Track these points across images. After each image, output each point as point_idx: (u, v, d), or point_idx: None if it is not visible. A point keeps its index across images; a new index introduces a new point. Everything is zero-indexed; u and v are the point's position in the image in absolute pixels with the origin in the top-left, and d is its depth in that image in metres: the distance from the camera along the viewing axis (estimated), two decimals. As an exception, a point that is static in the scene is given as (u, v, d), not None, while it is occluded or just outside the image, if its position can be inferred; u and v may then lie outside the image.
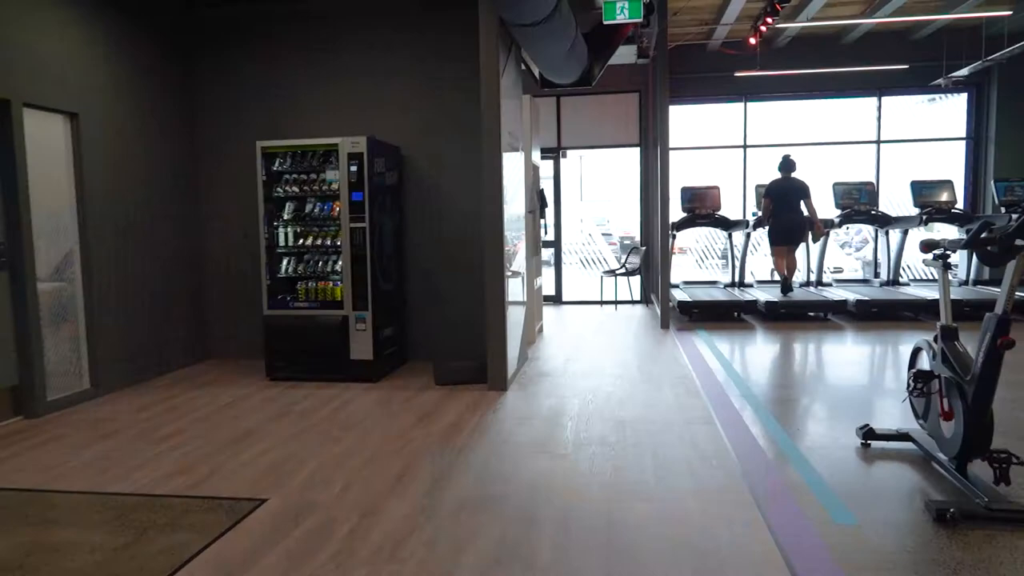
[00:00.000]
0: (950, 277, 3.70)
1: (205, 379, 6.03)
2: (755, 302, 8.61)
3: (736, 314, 8.84)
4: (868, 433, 3.98)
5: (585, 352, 6.94)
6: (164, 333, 6.22)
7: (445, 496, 3.40)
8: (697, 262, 14.15)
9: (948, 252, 3.61)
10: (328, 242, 5.92)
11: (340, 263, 5.80)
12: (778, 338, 7.55)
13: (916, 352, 3.94)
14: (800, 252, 9.41)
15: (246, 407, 5.12)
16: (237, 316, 6.64)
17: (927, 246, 3.63)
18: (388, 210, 6.09)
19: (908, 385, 3.84)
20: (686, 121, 10.97)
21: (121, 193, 5.72)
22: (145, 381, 5.94)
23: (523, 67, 7.90)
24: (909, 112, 10.99)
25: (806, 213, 9.01)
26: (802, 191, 9.01)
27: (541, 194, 8.07)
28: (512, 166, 5.92)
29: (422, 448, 4.11)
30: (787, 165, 9.10)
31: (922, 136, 10.80)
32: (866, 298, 8.44)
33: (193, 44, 6.65)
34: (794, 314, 8.65)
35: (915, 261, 11.55)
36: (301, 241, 6.00)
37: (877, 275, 10.61)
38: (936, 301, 8.52)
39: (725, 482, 3.52)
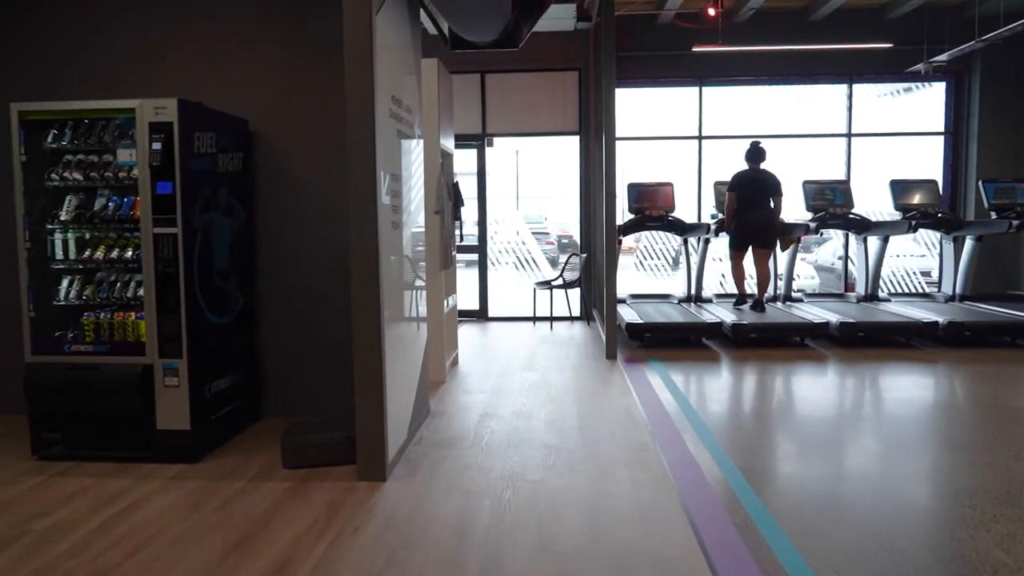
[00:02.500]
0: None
1: (-62, 459, 4.05)
2: (719, 324, 7.07)
3: (698, 338, 7.28)
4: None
5: (509, 399, 5.22)
6: None
7: None
8: (637, 264, 12.56)
9: None
10: (130, 254, 4.02)
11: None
12: (753, 374, 5.99)
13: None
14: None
15: (-39, 521, 3.20)
16: (16, 360, 4.62)
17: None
18: (223, 208, 4.23)
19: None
20: (633, 106, 9.39)
21: None
22: None
23: (435, 30, 6.13)
24: (883, 103, 9.70)
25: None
26: (773, 186, 7.54)
27: (456, 189, 6.32)
28: (405, 150, 4.14)
29: (202, 636, 2.30)
30: (756, 154, 7.61)
31: (897, 130, 9.50)
32: (851, 320, 7.00)
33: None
34: (766, 339, 7.14)
35: (890, 272, 10.30)
36: (89, 252, 4.07)
37: (851, 288, 9.28)
38: (935, 324, 7.27)
39: None
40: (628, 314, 7.47)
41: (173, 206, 3.76)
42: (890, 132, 9.45)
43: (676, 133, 9.48)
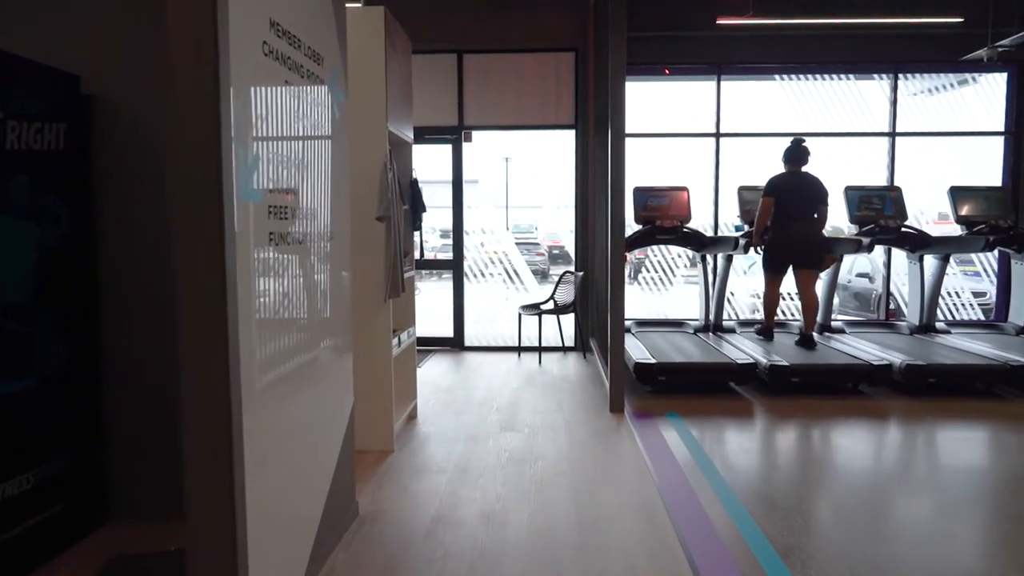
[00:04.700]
0: None
1: None
2: (753, 365, 5.55)
3: (724, 382, 5.75)
4: None
5: (478, 486, 3.67)
6: None
7: None
8: (630, 277, 10.88)
9: None
10: None
11: None
12: (809, 439, 4.48)
13: None
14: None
15: None
16: None
17: None
18: (19, 207, 2.67)
19: None
20: (638, 98, 7.91)
21: None
22: None
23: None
24: (925, 98, 8.26)
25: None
26: (820, 192, 6.07)
27: (414, 188, 4.79)
28: (302, 117, 2.61)
29: None
30: (797, 154, 6.14)
31: (949, 129, 8.04)
32: (919, 362, 5.49)
33: None
34: (811, 383, 5.63)
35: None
36: None
37: (892, 314, 7.85)
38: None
39: None
40: (635, 349, 5.95)
41: None
42: (941, 132, 8.00)
43: (689, 129, 8.01)
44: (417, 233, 4.97)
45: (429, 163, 8.08)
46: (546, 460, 4.06)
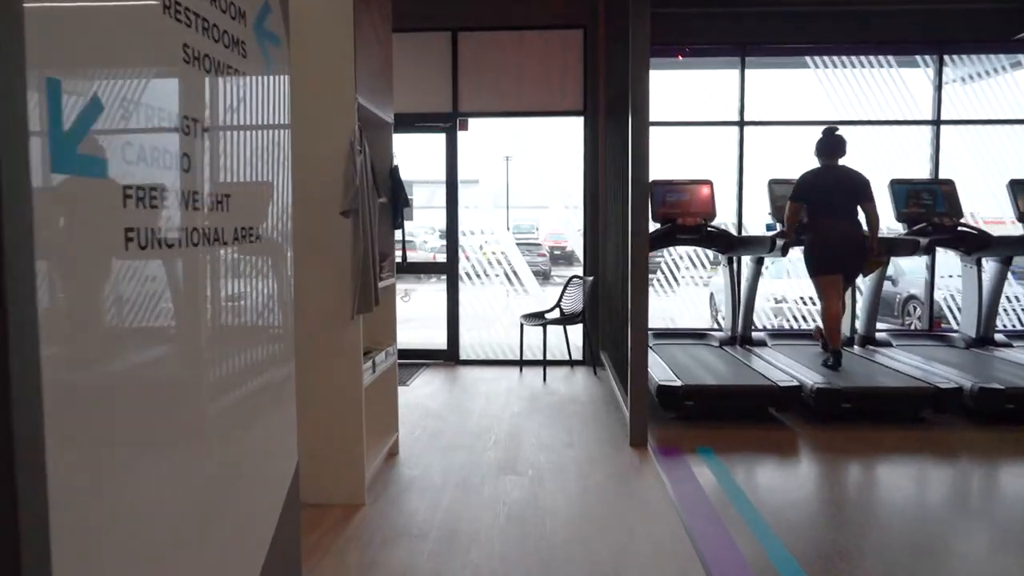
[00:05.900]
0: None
1: None
2: (797, 388, 4.71)
3: (761, 406, 4.92)
4: None
5: (468, 561, 2.84)
6: None
7: None
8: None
9: None
10: None
11: None
12: (871, 481, 3.66)
13: None
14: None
15: None
16: None
17: None
18: None
19: None
20: (651, 82, 7.07)
21: None
22: None
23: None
24: (968, 85, 7.43)
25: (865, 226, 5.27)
26: (860, 187, 5.24)
27: (394, 177, 3.97)
28: (207, 83, 1.78)
29: None
30: (832, 145, 5.32)
31: (995, 117, 7.23)
32: (994, 385, 4.64)
33: None
34: (864, 410, 4.80)
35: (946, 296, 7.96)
36: None
37: (937, 324, 7.02)
38: None
39: None
40: (656, 368, 5.11)
41: None
42: (992, 120, 7.17)
43: (710, 117, 7.20)
44: (399, 232, 4.15)
45: (428, 163, 7.27)
46: (555, 517, 3.23)
